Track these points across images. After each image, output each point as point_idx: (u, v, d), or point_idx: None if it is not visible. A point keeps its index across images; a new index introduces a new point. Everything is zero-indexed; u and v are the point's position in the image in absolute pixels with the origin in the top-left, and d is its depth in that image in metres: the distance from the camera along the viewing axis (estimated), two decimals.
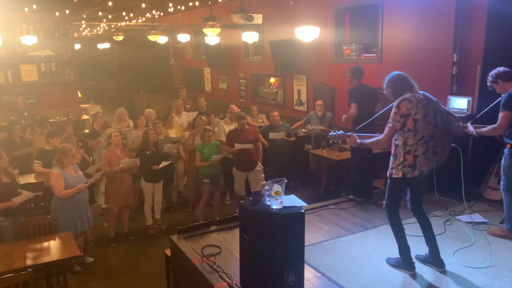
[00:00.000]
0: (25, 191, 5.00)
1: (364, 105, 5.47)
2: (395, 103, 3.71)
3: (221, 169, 6.53)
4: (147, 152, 6.24)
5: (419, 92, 3.79)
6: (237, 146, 6.25)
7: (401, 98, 3.69)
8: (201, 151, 6.39)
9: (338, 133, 4.13)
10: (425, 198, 4.20)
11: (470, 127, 4.44)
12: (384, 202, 3.97)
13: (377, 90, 5.67)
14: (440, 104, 3.90)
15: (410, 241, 3.83)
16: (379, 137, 3.83)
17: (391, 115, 3.69)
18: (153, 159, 6.23)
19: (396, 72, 3.89)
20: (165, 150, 6.55)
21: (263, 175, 6.63)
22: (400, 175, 3.70)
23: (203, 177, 6.43)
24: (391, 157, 3.79)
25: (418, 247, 3.95)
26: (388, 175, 3.82)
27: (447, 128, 3.83)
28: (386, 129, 3.73)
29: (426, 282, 3.67)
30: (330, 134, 4.20)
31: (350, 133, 4.06)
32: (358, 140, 3.97)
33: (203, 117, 7.48)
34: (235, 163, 6.53)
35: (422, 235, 3.92)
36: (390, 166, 3.79)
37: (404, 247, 3.81)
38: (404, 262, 3.81)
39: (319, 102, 7.54)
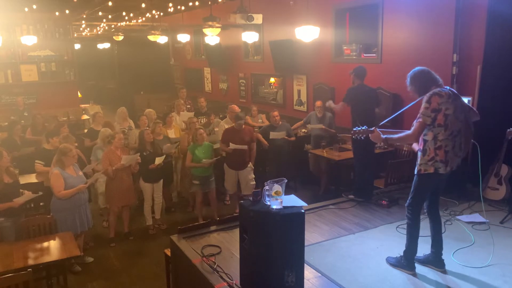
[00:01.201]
0: (27, 191, 5.00)
1: (365, 105, 5.45)
2: (425, 98, 3.60)
3: (213, 171, 6.54)
4: (144, 153, 6.21)
5: (445, 87, 3.70)
6: (232, 146, 6.31)
7: (431, 92, 3.59)
8: (192, 152, 6.38)
9: (362, 128, 3.96)
10: None
11: None
12: (397, 201, 3.81)
13: (377, 90, 5.66)
14: (462, 99, 3.83)
15: None
16: (408, 132, 3.70)
17: (422, 109, 3.59)
18: (151, 159, 6.21)
19: (418, 68, 3.79)
20: (164, 150, 6.54)
21: (253, 176, 6.69)
22: (432, 171, 3.60)
23: (193, 178, 6.45)
24: (419, 153, 3.69)
25: (419, 247, 3.93)
26: (416, 172, 3.72)
27: (468, 124, 3.77)
28: (416, 124, 3.63)
29: (426, 282, 3.67)
30: (353, 129, 4.02)
31: (373, 128, 3.89)
32: (382, 136, 3.81)
33: (194, 118, 7.47)
34: (226, 160, 6.61)
35: (424, 234, 3.91)
36: (418, 162, 3.68)
37: (412, 249, 3.78)
38: (406, 262, 3.80)
39: (318, 103, 7.53)
